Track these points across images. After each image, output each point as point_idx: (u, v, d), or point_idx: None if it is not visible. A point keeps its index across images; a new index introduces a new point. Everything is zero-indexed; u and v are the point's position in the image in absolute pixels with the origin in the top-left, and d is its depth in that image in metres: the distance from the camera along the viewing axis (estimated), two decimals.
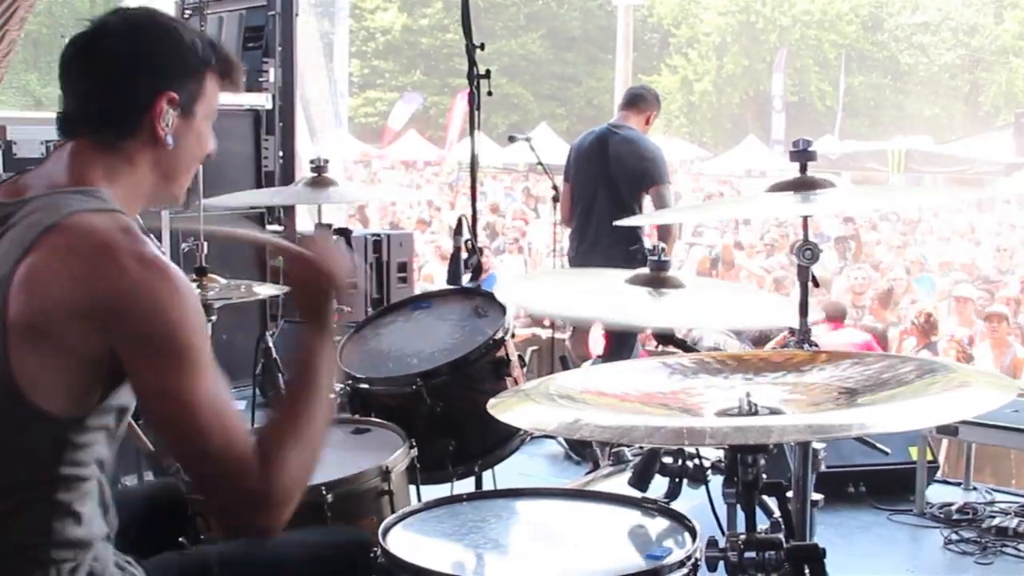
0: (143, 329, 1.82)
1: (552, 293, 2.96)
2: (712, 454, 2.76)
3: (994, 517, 4.71)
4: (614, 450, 3.29)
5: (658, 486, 2.61)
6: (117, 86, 2.01)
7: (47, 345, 1.82)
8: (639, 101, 6.77)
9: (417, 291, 8.44)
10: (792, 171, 2.74)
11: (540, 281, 3.34)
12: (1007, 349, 8.87)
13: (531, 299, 3.04)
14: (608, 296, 2.72)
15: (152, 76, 2.00)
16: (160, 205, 2.23)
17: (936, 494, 5.02)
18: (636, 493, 2.54)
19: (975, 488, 5.15)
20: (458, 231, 4.41)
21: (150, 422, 1.93)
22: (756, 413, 1.89)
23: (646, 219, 5.12)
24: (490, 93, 4.90)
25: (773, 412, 1.89)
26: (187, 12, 8.12)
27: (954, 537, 4.58)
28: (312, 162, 4.02)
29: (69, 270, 1.81)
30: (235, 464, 1.85)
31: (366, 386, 3.45)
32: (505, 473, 3.68)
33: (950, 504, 4.87)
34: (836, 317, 9.58)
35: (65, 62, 2.03)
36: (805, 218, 2.89)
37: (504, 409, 2.03)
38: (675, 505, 2.41)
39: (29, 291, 1.81)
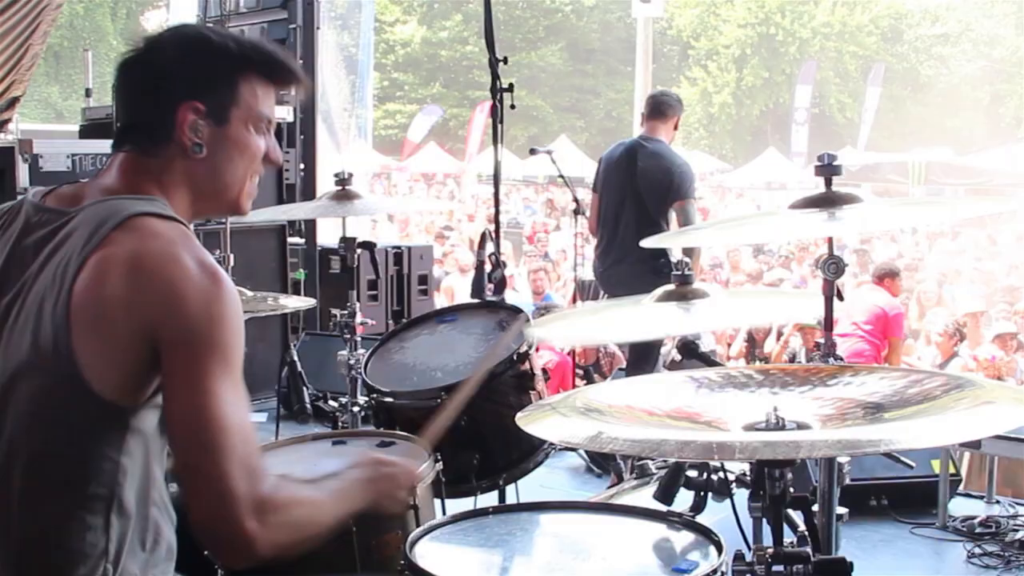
0: (188, 324, 1.86)
1: (584, 326, 3.01)
2: (736, 467, 2.77)
3: (1017, 531, 4.70)
4: (638, 463, 3.29)
5: (683, 499, 2.62)
6: (144, 98, 2.08)
7: (105, 333, 1.88)
8: (665, 108, 6.71)
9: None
10: (813, 184, 2.73)
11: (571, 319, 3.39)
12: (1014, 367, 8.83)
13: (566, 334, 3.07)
14: (637, 316, 2.76)
15: (175, 86, 2.04)
16: (220, 214, 2.30)
17: (958, 507, 5.01)
18: (661, 506, 2.55)
19: (998, 501, 5.13)
20: (482, 245, 4.42)
21: (170, 422, 1.91)
22: (784, 428, 1.89)
23: (671, 239, 5.10)
24: (512, 106, 4.91)
25: (801, 427, 1.89)
26: (208, 25, 8.19)
27: (977, 551, 4.57)
28: (336, 175, 4.04)
29: (134, 267, 1.88)
30: (238, 495, 1.82)
31: (391, 400, 3.46)
32: (527, 486, 3.68)
33: (973, 517, 4.86)
34: (882, 275, 9.50)
35: (115, 77, 2.10)
36: None
37: (532, 423, 2.03)
38: (700, 519, 2.41)
39: (97, 282, 1.88)
